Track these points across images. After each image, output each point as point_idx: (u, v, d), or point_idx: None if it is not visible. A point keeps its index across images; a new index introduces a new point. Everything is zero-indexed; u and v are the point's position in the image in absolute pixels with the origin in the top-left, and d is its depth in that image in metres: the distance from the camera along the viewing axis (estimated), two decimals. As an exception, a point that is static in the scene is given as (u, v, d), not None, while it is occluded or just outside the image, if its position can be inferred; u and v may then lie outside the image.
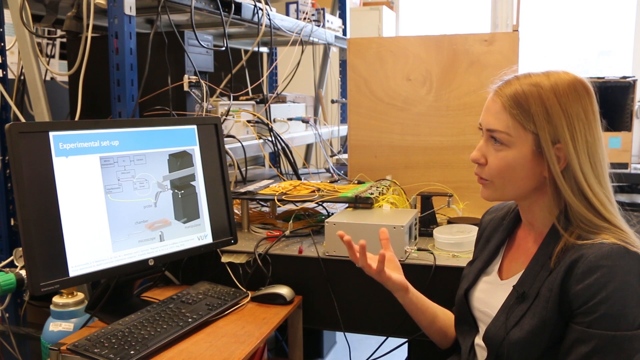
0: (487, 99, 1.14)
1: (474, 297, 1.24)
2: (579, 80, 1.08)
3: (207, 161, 1.62)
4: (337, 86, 3.65)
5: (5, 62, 1.85)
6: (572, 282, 1.00)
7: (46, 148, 1.30)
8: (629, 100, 3.05)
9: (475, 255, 1.31)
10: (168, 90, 1.93)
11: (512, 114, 1.07)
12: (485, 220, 1.33)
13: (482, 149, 1.14)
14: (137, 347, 1.22)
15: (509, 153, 1.09)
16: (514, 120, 1.07)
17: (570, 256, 1.03)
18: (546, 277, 1.06)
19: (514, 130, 1.07)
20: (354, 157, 2.15)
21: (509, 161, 1.09)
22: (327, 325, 1.58)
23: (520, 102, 1.07)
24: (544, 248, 1.10)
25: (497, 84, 1.13)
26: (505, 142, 1.09)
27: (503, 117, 1.08)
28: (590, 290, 0.98)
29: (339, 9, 3.57)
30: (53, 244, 1.28)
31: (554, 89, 1.06)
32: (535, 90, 1.06)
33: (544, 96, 1.05)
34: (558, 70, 1.09)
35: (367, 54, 2.07)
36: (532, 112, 1.05)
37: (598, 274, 0.98)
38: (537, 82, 1.07)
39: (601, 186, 1.07)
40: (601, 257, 0.99)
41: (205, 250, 1.59)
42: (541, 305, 1.05)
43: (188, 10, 1.92)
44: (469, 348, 1.22)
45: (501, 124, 1.08)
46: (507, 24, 4.53)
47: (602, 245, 1.00)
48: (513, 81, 1.10)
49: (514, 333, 1.07)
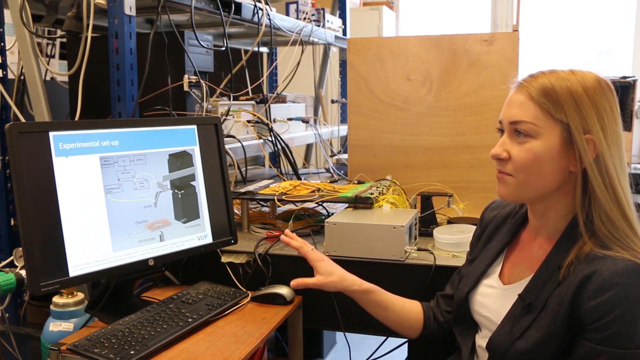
0: (509, 95, 1.11)
1: (474, 300, 1.22)
2: (602, 78, 1.07)
3: (207, 161, 1.62)
4: (337, 86, 3.65)
5: (5, 62, 1.85)
6: (585, 298, 0.98)
7: (46, 148, 1.30)
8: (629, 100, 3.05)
9: (475, 253, 1.28)
10: (168, 90, 1.93)
11: (540, 103, 1.04)
12: (487, 217, 1.30)
13: (505, 144, 1.09)
14: (137, 347, 1.22)
15: (536, 144, 1.04)
16: (542, 110, 1.04)
17: (582, 270, 1.00)
18: (554, 288, 1.03)
19: (542, 120, 1.04)
20: (354, 157, 2.15)
21: (536, 152, 1.04)
22: (327, 325, 1.58)
23: (549, 92, 1.04)
24: (552, 257, 1.08)
25: (519, 79, 1.10)
26: (531, 133, 1.05)
27: (530, 108, 1.05)
28: (604, 308, 0.96)
29: (339, 9, 3.57)
30: (53, 244, 1.28)
31: (581, 83, 1.04)
32: (563, 82, 1.04)
33: (572, 88, 1.04)
34: (582, 70, 1.08)
35: (367, 54, 2.07)
36: (562, 102, 1.03)
37: (612, 291, 0.96)
38: (564, 76, 1.06)
39: (627, 181, 1.05)
40: (616, 274, 0.96)
41: (205, 250, 1.59)
42: (549, 319, 1.03)
43: (188, 10, 1.92)
44: (470, 349, 1.22)
45: (527, 114, 1.05)
46: (507, 24, 4.53)
47: (617, 261, 0.98)
48: (538, 75, 1.08)
49: (519, 344, 1.05)
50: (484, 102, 1.95)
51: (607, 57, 4.63)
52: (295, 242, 1.39)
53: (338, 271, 1.33)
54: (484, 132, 1.96)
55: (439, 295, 1.36)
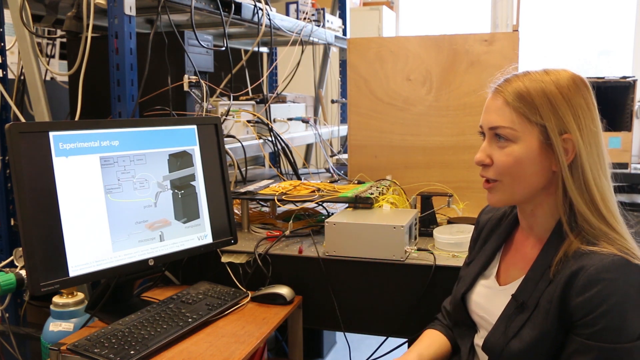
0: (487, 99, 1.13)
1: (471, 301, 1.22)
2: (577, 75, 1.08)
3: (207, 161, 1.62)
4: (337, 86, 3.65)
5: (5, 62, 1.85)
6: (572, 294, 0.99)
7: (46, 148, 1.30)
8: (629, 100, 3.05)
9: (472, 256, 1.29)
10: (168, 90, 1.93)
11: (516, 108, 1.06)
12: (482, 220, 1.32)
13: (486, 149, 1.11)
14: (137, 347, 1.22)
15: (515, 148, 1.06)
16: (518, 114, 1.06)
17: (570, 267, 1.01)
18: (545, 287, 1.04)
19: (519, 125, 1.06)
20: (354, 157, 2.15)
21: (516, 156, 1.06)
22: (327, 325, 1.58)
23: (524, 96, 1.06)
24: (543, 256, 1.09)
25: (496, 83, 1.12)
26: (510, 137, 1.07)
27: (506, 112, 1.07)
28: (591, 303, 0.97)
29: (339, 9, 3.57)
30: (53, 244, 1.28)
31: (555, 83, 1.06)
32: (537, 85, 1.06)
33: (546, 89, 1.05)
34: (556, 68, 1.09)
35: (367, 54, 2.07)
36: (537, 104, 1.05)
37: (599, 286, 0.96)
38: (538, 77, 1.07)
39: (606, 179, 1.06)
40: (602, 269, 0.97)
41: (205, 250, 1.59)
42: (541, 317, 1.03)
43: (188, 10, 1.92)
44: (469, 349, 1.22)
45: (505, 119, 1.07)
46: (507, 24, 4.53)
47: (603, 256, 0.98)
48: (512, 79, 1.09)
49: (513, 344, 1.05)
50: (484, 102, 1.94)
51: (607, 57, 4.63)
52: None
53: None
54: (484, 132, 1.96)
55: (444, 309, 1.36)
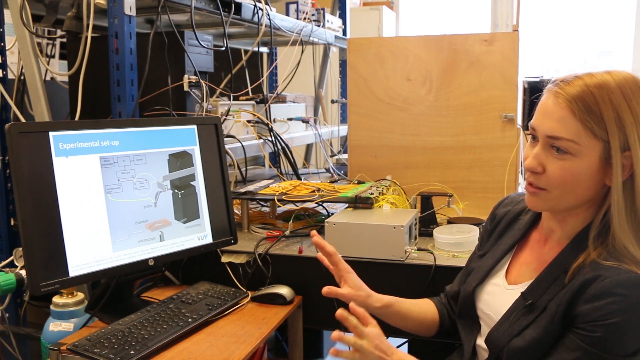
0: (543, 100, 1.04)
1: (480, 297, 1.21)
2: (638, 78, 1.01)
3: (207, 161, 1.62)
4: (337, 86, 3.65)
5: (5, 62, 1.85)
6: (581, 300, 0.97)
7: (46, 148, 1.30)
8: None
9: (486, 248, 1.25)
10: (168, 90, 1.93)
11: (583, 121, 0.97)
12: (499, 213, 1.27)
13: (539, 156, 1.02)
14: (137, 347, 1.22)
15: (575, 163, 0.98)
16: (584, 128, 0.97)
17: (584, 274, 0.98)
18: (557, 291, 1.02)
19: (584, 139, 0.97)
20: (354, 157, 2.15)
21: (574, 171, 0.99)
22: (327, 325, 1.58)
23: (591, 107, 0.97)
24: (560, 260, 1.06)
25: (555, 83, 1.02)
26: (571, 151, 0.98)
27: (572, 124, 0.97)
28: (597, 313, 0.95)
29: (339, 9, 3.57)
30: (53, 244, 1.28)
31: (621, 91, 0.97)
32: (605, 93, 0.97)
33: (614, 100, 0.97)
34: (618, 70, 1.01)
35: (367, 54, 2.08)
36: (605, 118, 0.96)
37: (609, 299, 0.94)
38: (604, 82, 0.98)
39: None
40: (617, 283, 0.94)
41: (205, 250, 1.59)
42: (547, 320, 1.02)
43: (188, 10, 1.92)
44: (472, 348, 1.21)
45: (569, 132, 0.98)
46: (507, 24, 4.53)
47: (621, 271, 0.95)
48: (576, 82, 1.00)
49: (515, 342, 1.04)
50: (484, 102, 1.95)
51: (607, 57, 4.63)
52: (329, 247, 1.25)
53: (364, 287, 1.26)
54: (484, 132, 1.96)
55: (449, 294, 1.35)
